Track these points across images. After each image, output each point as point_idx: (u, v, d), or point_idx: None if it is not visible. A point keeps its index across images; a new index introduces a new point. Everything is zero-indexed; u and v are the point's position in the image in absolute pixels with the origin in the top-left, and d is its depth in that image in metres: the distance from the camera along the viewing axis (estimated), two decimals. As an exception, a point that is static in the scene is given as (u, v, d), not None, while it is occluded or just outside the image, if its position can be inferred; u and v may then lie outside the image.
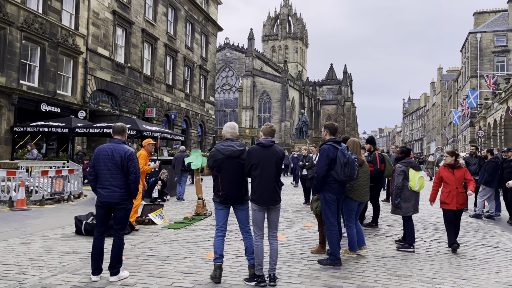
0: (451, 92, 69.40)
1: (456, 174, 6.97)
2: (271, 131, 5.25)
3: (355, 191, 6.34)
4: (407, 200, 6.79)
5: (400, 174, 6.83)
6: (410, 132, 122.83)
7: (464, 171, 7.04)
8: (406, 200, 6.79)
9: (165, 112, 31.00)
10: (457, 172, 6.98)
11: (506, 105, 33.11)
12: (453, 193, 6.87)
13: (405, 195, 6.79)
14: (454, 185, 6.88)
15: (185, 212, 10.89)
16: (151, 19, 28.83)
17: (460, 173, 6.98)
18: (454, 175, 6.96)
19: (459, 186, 6.89)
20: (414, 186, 6.73)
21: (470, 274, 5.60)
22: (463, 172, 7.03)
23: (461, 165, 6.88)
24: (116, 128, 5.30)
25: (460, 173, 6.99)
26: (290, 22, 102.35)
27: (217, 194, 5.11)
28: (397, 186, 6.80)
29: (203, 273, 5.37)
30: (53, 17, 19.93)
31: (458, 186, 6.89)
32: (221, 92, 77.87)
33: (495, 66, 47.19)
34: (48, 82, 19.74)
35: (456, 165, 7.03)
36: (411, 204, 6.79)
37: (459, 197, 6.87)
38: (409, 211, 6.81)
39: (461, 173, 6.99)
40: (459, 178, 6.96)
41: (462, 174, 7.00)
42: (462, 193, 6.90)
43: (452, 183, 6.91)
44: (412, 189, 6.76)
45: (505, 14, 50.03)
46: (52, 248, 6.67)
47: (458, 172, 6.99)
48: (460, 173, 6.98)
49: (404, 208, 6.80)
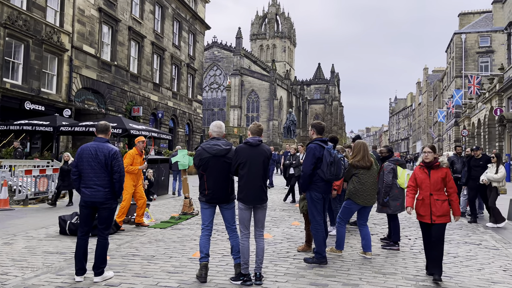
0: (436, 92, 70.35)
1: (433, 177, 5.35)
2: (259, 130, 5.26)
3: (360, 195, 6.22)
4: (395, 199, 6.82)
5: (390, 172, 6.80)
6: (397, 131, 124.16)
7: (444, 172, 5.36)
8: (394, 199, 6.83)
9: (152, 110, 30.78)
10: (434, 174, 5.36)
11: (489, 105, 33.70)
12: (427, 201, 5.30)
13: (394, 193, 6.82)
14: (428, 190, 5.32)
15: (171, 212, 10.83)
16: (138, 17, 28.57)
17: (438, 176, 5.33)
18: (429, 178, 5.37)
19: (434, 192, 5.29)
20: (403, 183, 6.77)
21: (453, 271, 5.68)
22: (443, 174, 5.35)
23: (441, 164, 5.38)
24: (100, 126, 5.24)
25: (438, 175, 5.34)
26: (278, 21, 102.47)
27: (203, 193, 5.09)
28: (387, 184, 6.75)
29: (189, 272, 5.34)
30: (37, 14, 19.61)
31: (434, 192, 5.29)
32: (209, 91, 77.63)
33: (479, 67, 47.97)
34: (32, 80, 19.43)
35: (433, 164, 5.40)
36: (399, 202, 6.82)
37: (436, 207, 5.23)
38: (397, 209, 6.85)
39: (439, 175, 5.34)
40: (436, 182, 5.33)
41: (441, 176, 5.33)
42: (441, 201, 5.26)
43: (426, 187, 5.35)
44: (401, 186, 6.81)
45: (489, 15, 50.88)
46: (35, 249, 6.58)
47: (436, 173, 5.36)
48: (438, 176, 5.33)
49: (392, 206, 6.84)
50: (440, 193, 5.32)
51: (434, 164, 5.40)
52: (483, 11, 52.95)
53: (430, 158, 5.42)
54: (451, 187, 5.35)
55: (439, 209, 5.23)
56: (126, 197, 8.32)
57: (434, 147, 5.51)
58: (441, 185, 5.35)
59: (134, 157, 8.49)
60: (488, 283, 5.19)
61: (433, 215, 5.25)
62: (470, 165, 10.19)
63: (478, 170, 9.85)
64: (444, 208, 5.25)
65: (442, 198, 5.30)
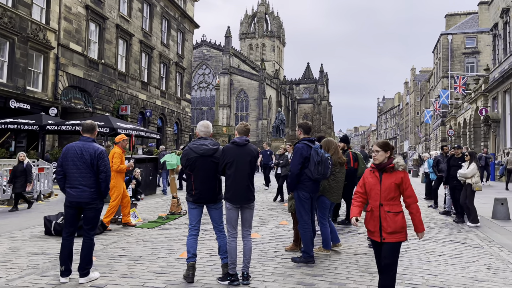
0: (423, 92, 71.12)
1: (385, 182, 4.09)
2: (246, 130, 5.26)
3: (334, 192, 6.40)
4: None
5: None
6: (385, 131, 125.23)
7: (399, 177, 4.09)
8: None
9: (140, 109, 30.55)
10: (386, 179, 4.10)
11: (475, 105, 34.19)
12: (376, 213, 4.09)
13: None
14: (378, 199, 4.09)
15: (159, 211, 10.77)
16: (126, 14, 28.31)
17: (391, 181, 4.07)
18: (380, 184, 4.12)
19: (386, 203, 4.06)
20: None
21: (439, 269, 5.75)
22: (397, 179, 4.08)
23: (396, 166, 4.10)
24: (86, 126, 5.18)
25: (391, 180, 4.07)
26: (267, 20, 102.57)
27: (190, 193, 5.07)
28: None
29: (176, 272, 5.32)
30: (23, 11, 19.30)
31: (385, 202, 4.06)
32: (198, 90, 77.37)
33: (465, 67, 48.63)
34: (18, 78, 19.12)
35: (386, 166, 4.13)
36: None
37: (386, 221, 4.02)
38: None
39: (392, 180, 4.07)
40: (389, 189, 4.06)
41: (395, 182, 4.07)
42: (393, 214, 4.03)
43: (376, 196, 4.11)
44: None
45: (475, 16, 51.60)
46: (20, 249, 6.48)
47: (389, 178, 4.09)
48: (391, 181, 4.07)
49: None
50: (394, 203, 4.07)
51: (387, 167, 4.10)
52: (469, 12, 53.69)
53: (380, 159, 4.15)
54: (409, 195, 4.09)
55: (390, 224, 4.01)
56: (118, 197, 8.22)
57: (386, 144, 4.22)
58: (395, 194, 4.08)
59: (121, 157, 8.43)
60: (473, 281, 5.27)
61: (383, 231, 4.04)
62: (449, 164, 10.33)
63: (457, 169, 9.96)
64: (397, 222, 4.01)
65: (396, 210, 4.05)
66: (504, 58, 27.95)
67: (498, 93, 28.63)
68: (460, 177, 9.50)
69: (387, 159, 4.17)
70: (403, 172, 4.13)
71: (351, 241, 7.41)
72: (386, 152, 4.18)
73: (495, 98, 29.51)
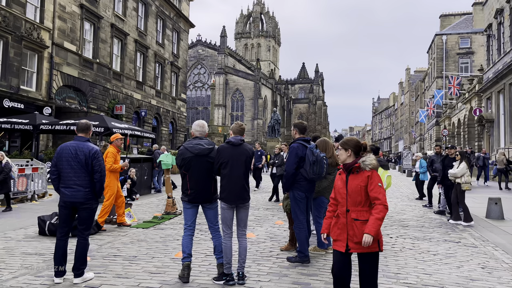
0: (418, 92, 71.46)
1: (351, 185, 3.65)
2: (241, 129, 5.24)
3: (330, 191, 6.42)
4: None
5: None
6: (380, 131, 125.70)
7: (365, 177, 3.63)
8: None
9: (135, 109, 30.45)
10: (352, 181, 3.66)
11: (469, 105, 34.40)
12: (342, 220, 3.66)
13: None
14: (345, 205, 3.66)
15: (154, 211, 10.73)
16: (121, 14, 28.21)
17: (357, 183, 3.63)
18: (346, 187, 3.68)
19: (353, 208, 3.62)
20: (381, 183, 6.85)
21: (433, 269, 5.78)
22: (363, 180, 3.62)
23: (363, 165, 3.63)
24: (80, 125, 5.15)
25: (358, 182, 3.63)
26: (262, 20, 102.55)
27: (185, 193, 5.06)
28: None
29: (171, 272, 5.30)
30: (17, 9, 19.17)
31: (352, 208, 3.62)
32: (193, 90, 77.18)
33: (460, 68, 48.93)
34: (11, 77, 18.99)
35: (351, 165, 3.69)
36: None
37: (353, 230, 3.58)
38: None
39: (358, 182, 3.62)
40: (355, 192, 3.62)
41: (361, 184, 3.61)
42: (361, 222, 3.57)
43: (342, 200, 3.69)
44: None
45: (469, 17, 51.92)
46: (13, 250, 6.44)
47: (355, 180, 3.65)
48: (357, 183, 3.63)
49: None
50: (362, 209, 3.61)
51: (352, 167, 3.68)
52: (463, 13, 54.02)
53: (341, 158, 3.76)
54: (375, 198, 3.57)
55: (357, 234, 3.55)
56: (111, 196, 8.18)
57: (346, 142, 3.77)
58: (363, 198, 3.60)
59: (115, 156, 8.38)
60: (467, 280, 5.29)
61: (350, 240, 3.58)
62: (444, 164, 10.43)
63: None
64: (363, 232, 3.52)
65: (364, 217, 3.57)
66: (498, 59, 28.14)
67: (492, 94, 28.83)
68: (451, 177, 9.60)
69: (353, 158, 3.74)
70: (370, 172, 3.64)
71: (346, 241, 7.42)
72: (346, 151, 3.74)
73: (489, 98, 29.70)
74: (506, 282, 5.22)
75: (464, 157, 9.59)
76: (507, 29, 26.33)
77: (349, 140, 3.79)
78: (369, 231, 3.48)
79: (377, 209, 3.56)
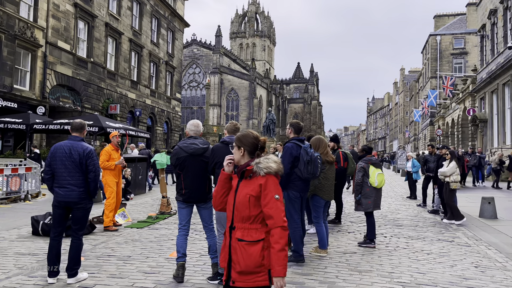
0: (412, 92, 71.78)
1: (240, 193, 2.79)
2: (235, 129, 5.24)
3: (325, 190, 6.45)
4: (367, 197, 7.01)
5: (359, 170, 7.08)
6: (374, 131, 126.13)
7: (258, 186, 2.74)
8: (366, 197, 7.02)
9: (130, 108, 30.33)
10: (243, 188, 2.79)
11: (463, 105, 34.61)
12: (226, 240, 2.83)
13: (365, 191, 7.03)
14: (230, 219, 2.82)
15: (149, 211, 10.70)
16: (115, 13, 28.09)
17: (247, 192, 2.75)
18: (235, 195, 2.82)
19: (240, 224, 2.76)
20: (373, 182, 6.97)
21: (427, 268, 5.81)
22: (255, 189, 2.74)
23: (256, 169, 2.76)
24: (75, 124, 5.12)
25: (248, 191, 2.75)
26: (258, 20, 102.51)
27: (179, 193, 5.05)
28: (357, 183, 7.05)
29: (166, 272, 5.29)
30: (10, 8, 19.03)
31: (238, 224, 2.76)
32: (188, 89, 77.04)
33: (454, 68, 49.22)
34: (5, 76, 18.85)
35: (243, 168, 2.84)
36: (371, 200, 7.01)
37: (237, 254, 2.71)
38: (369, 207, 7.03)
39: (248, 191, 2.75)
40: (243, 203, 2.74)
41: (251, 193, 2.74)
42: (247, 244, 2.69)
43: (229, 213, 2.85)
44: (372, 185, 6.98)
45: (463, 17, 52.23)
46: (6, 250, 6.39)
47: (246, 187, 2.78)
48: (247, 192, 2.75)
49: (364, 204, 7.03)
50: (251, 226, 2.70)
51: (245, 170, 2.79)
52: (457, 14, 54.33)
53: (235, 158, 2.90)
54: (269, 215, 2.65)
55: (241, 259, 2.67)
56: (111, 194, 8.11)
57: (240, 138, 2.91)
58: (254, 211, 2.70)
59: (111, 153, 8.32)
60: (460, 279, 5.33)
61: (233, 268, 2.71)
62: (438, 163, 10.58)
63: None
64: (252, 257, 2.66)
65: (252, 238, 2.67)
66: (492, 59, 28.34)
67: (485, 94, 29.02)
68: (440, 175, 9.72)
69: (247, 159, 2.86)
70: (265, 178, 2.71)
71: (340, 240, 7.45)
72: (239, 149, 2.88)
73: (483, 98, 29.90)
74: (499, 281, 5.26)
75: (454, 157, 9.70)
76: (501, 30, 26.52)
77: (244, 136, 2.92)
78: (278, 273, 2.59)
79: (274, 236, 2.63)
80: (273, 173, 2.77)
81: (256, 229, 2.73)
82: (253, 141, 2.93)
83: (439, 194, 10.60)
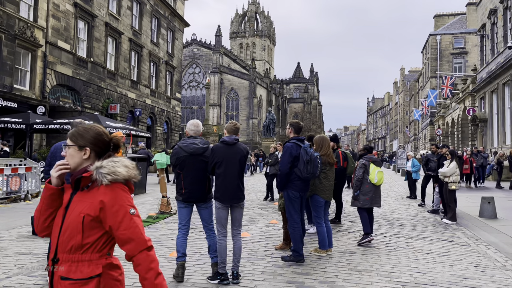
0: (412, 92, 71.77)
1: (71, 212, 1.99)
2: (235, 129, 5.25)
3: (326, 190, 6.47)
4: (365, 193, 7.13)
5: (361, 167, 7.21)
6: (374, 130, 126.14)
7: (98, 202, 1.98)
8: (364, 193, 7.14)
9: (130, 108, 30.34)
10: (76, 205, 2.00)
11: (463, 105, 34.61)
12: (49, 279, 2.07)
13: (364, 188, 7.14)
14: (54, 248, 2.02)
15: (149, 211, 10.70)
16: (115, 12, 28.09)
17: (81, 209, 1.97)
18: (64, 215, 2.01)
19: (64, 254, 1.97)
20: (373, 179, 7.08)
21: (427, 267, 5.82)
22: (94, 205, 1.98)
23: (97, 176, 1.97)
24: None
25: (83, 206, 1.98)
26: (258, 19, 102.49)
27: (179, 192, 5.05)
28: (358, 179, 7.17)
29: (166, 272, 5.29)
30: (10, 8, 19.03)
31: (63, 255, 1.97)
32: (188, 89, 77.02)
33: (454, 67, 49.22)
34: (5, 76, 18.85)
35: (77, 176, 2.02)
36: (368, 197, 7.12)
37: None
38: (366, 203, 7.14)
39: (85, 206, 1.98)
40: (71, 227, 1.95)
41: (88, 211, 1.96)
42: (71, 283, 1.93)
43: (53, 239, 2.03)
44: (371, 182, 7.07)
45: (463, 17, 52.22)
46: (6, 250, 6.39)
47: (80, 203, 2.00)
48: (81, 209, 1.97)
49: (362, 200, 7.15)
50: (84, 257, 1.98)
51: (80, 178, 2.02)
52: (457, 13, 54.32)
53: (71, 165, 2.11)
54: (126, 240, 2.03)
55: None
56: None
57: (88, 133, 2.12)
58: (90, 237, 1.99)
59: None
60: (460, 279, 5.33)
61: None
62: (439, 163, 10.62)
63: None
64: None
65: (80, 275, 1.95)
66: (492, 59, 28.34)
67: (485, 93, 29.02)
68: (440, 176, 9.75)
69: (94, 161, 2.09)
70: (110, 189, 2.01)
71: (340, 240, 7.45)
72: (81, 149, 2.08)
73: (483, 98, 29.90)
74: (498, 281, 5.27)
75: (455, 157, 9.72)
76: (501, 29, 26.52)
77: (86, 130, 2.11)
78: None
79: (142, 265, 1.98)
80: (122, 180, 2.04)
81: (90, 261, 1.95)
82: (101, 137, 2.12)
83: (439, 193, 10.61)
